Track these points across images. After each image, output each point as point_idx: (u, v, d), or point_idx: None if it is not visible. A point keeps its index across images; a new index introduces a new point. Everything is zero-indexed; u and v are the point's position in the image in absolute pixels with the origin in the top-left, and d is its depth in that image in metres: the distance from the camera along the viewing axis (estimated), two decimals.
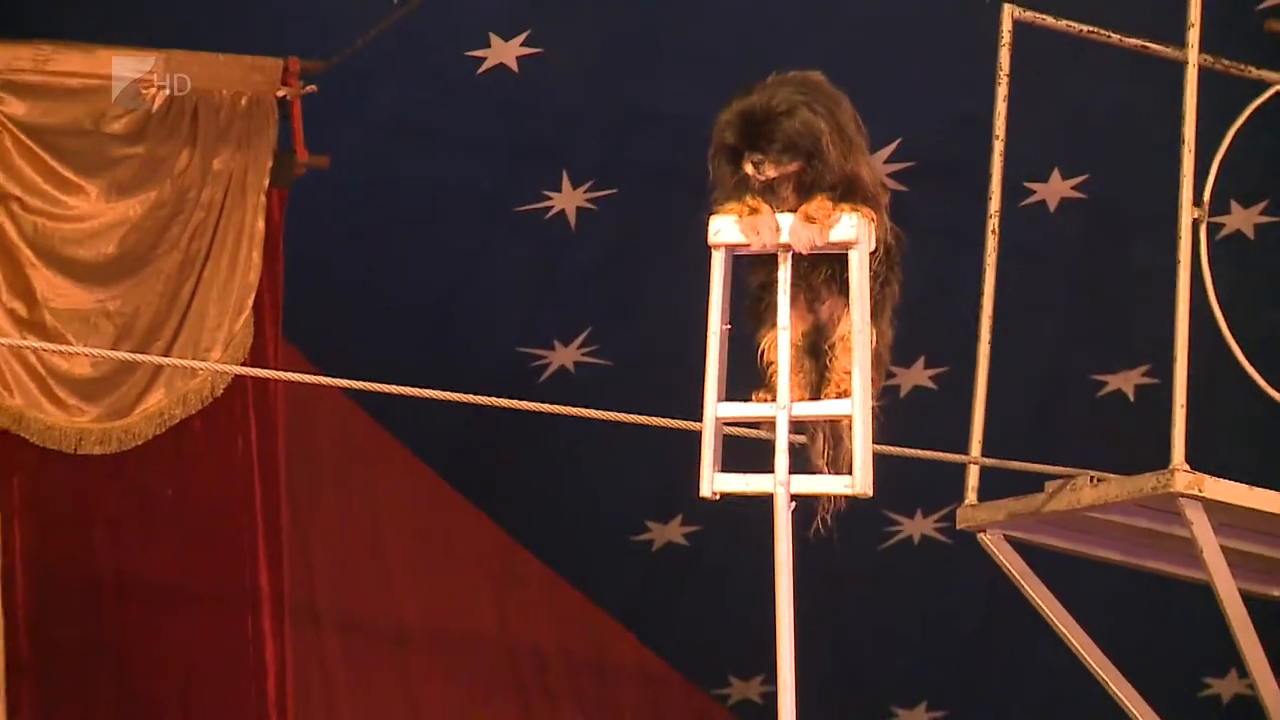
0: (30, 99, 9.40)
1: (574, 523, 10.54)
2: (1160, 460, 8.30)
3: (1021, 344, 8.94)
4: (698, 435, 6.46)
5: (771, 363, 6.57)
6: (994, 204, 8.83)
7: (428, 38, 9.54)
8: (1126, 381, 9.44)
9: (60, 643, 9.84)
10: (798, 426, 6.62)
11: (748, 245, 6.52)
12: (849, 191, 6.54)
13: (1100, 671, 8.97)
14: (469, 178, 9.70)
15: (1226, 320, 8.67)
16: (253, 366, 9.50)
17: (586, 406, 8.80)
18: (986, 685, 10.13)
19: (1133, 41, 8.89)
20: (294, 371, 9.54)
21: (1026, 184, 9.07)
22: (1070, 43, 8.82)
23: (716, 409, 6.45)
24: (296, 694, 10.27)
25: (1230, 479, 8.43)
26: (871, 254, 6.50)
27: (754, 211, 6.51)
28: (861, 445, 6.31)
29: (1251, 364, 8.86)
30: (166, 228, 9.47)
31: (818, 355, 6.71)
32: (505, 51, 9.65)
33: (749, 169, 6.57)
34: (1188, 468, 8.20)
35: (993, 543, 8.81)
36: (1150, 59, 8.73)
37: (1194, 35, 8.39)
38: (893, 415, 7.11)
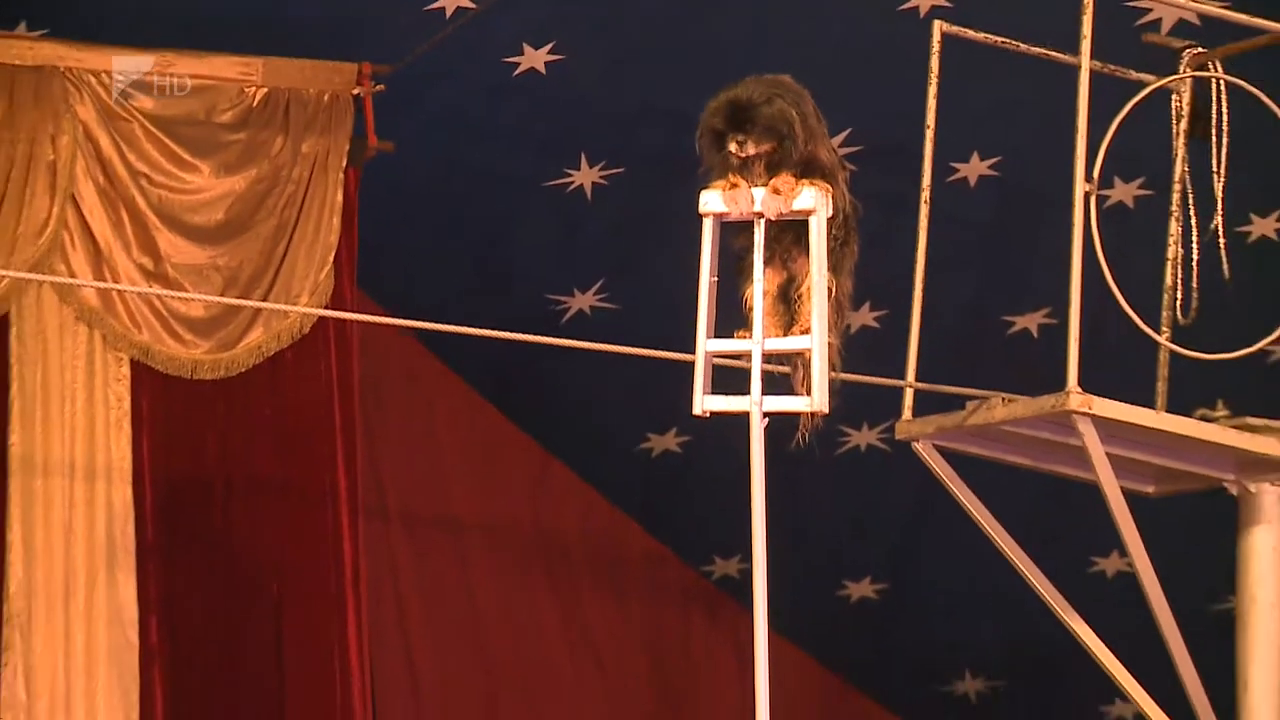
0: (155, 95, 9.16)
1: (590, 434, 10.57)
2: (1058, 384, 8.19)
3: (947, 291, 9.01)
4: (690, 365, 6.51)
5: (750, 307, 6.59)
6: (926, 180, 8.71)
7: (472, 48, 9.48)
8: (1031, 321, 9.49)
9: (178, 531, 9.58)
10: (780, 360, 6.65)
11: (729, 213, 6.57)
12: (809, 169, 6.60)
13: (1009, 551, 8.88)
14: (506, 159, 9.76)
15: (1110, 271, 8.57)
16: (332, 310, 9.31)
17: (600, 342, 9.19)
18: (919, 562, 10.21)
19: (1037, 50, 8.68)
20: (366, 313, 9.71)
21: (952, 164, 9.10)
22: (988, 49, 8.83)
23: (706, 344, 6.52)
24: (369, 577, 10.04)
25: (1114, 399, 8.38)
26: (830, 220, 6.54)
27: (734, 186, 6.56)
28: (819, 372, 6.33)
29: (1130, 306, 8.98)
30: (264, 199, 9.42)
31: (788, 302, 6.67)
32: (535, 58, 9.56)
33: (733, 147, 6.59)
34: (1080, 390, 8.11)
35: (924, 450, 8.69)
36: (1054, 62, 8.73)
37: (1086, 45, 8.23)
38: (844, 348, 6.96)
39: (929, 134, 8.62)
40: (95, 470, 9.21)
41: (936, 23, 8.64)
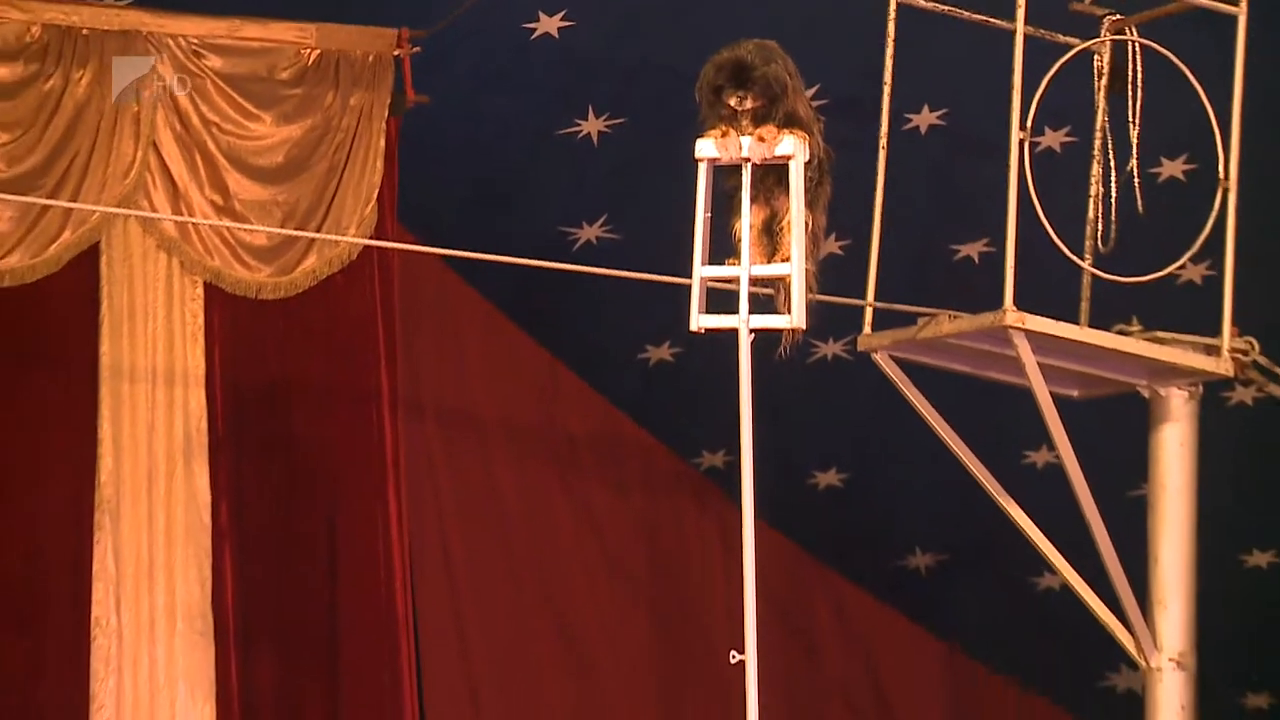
0: (224, 56, 9.24)
1: (595, 346, 10.57)
2: (996, 304, 8.24)
3: (901, 224, 8.86)
4: (685, 288, 6.58)
5: (738, 239, 6.67)
6: (884, 128, 8.76)
7: (495, 15, 9.38)
8: (973, 249, 9.55)
9: (245, 428, 9.53)
10: (764, 284, 6.68)
11: (720, 158, 6.64)
12: (788, 121, 6.66)
13: (954, 446, 8.84)
14: (524, 110, 9.76)
15: (1041, 206, 8.36)
16: (376, 239, 9.37)
17: (605, 268, 9.27)
18: (877, 455, 10.27)
19: (979, 17, 8.63)
20: (404, 243, 9.62)
21: (906, 114, 9.07)
22: (937, 14, 8.83)
23: (701, 270, 6.59)
24: (408, 467, 9.96)
25: (1044, 317, 8.39)
26: (807, 164, 6.63)
27: (725, 135, 6.64)
28: (798, 295, 6.44)
29: (1058, 236, 8.61)
30: (317, 145, 9.43)
31: (771, 234, 6.71)
32: (550, 24, 9.49)
33: (733, 101, 6.65)
34: (1014, 309, 8.21)
35: (882, 360, 8.76)
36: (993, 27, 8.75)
37: (1020, 13, 8.24)
38: (819, 274, 6.97)
39: (886, 90, 8.64)
40: (174, 376, 9.17)
41: None
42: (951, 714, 11.73)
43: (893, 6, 8.56)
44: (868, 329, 8.69)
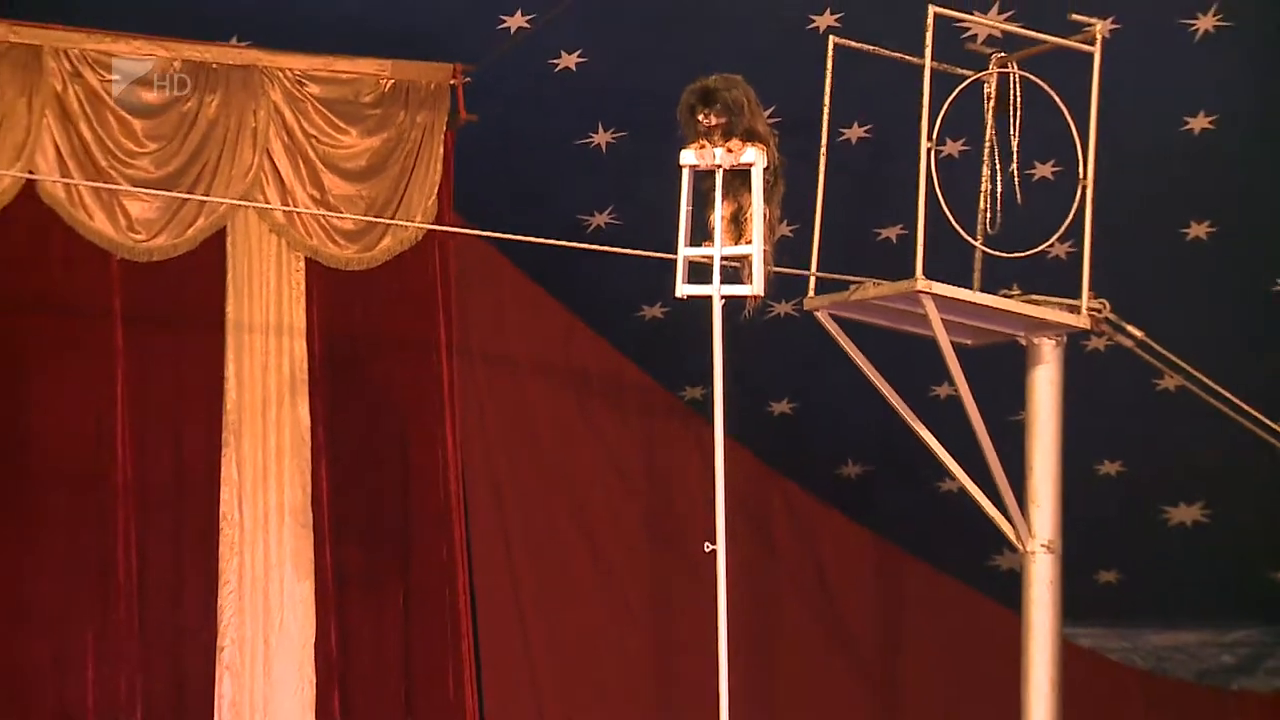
0: (321, 84, 9.28)
1: (603, 305, 10.45)
2: (909, 274, 8.26)
3: (837, 213, 8.71)
4: (673, 263, 6.76)
5: (712, 226, 6.84)
6: (824, 141, 8.68)
7: (527, 53, 9.39)
8: (892, 233, 9.58)
9: (336, 369, 9.49)
10: (732, 261, 6.86)
11: (699, 165, 6.81)
12: (750, 136, 6.84)
13: (877, 383, 8.86)
14: (549, 126, 9.75)
15: (943, 198, 8.32)
16: (437, 225, 9.39)
17: (611, 247, 9.33)
18: (819, 390, 10.03)
19: (897, 54, 8.61)
20: (458, 227, 9.55)
21: (840, 130, 9.08)
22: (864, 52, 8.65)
23: (684, 250, 6.79)
24: (461, 401, 9.83)
25: (946, 283, 8.37)
26: (765, 169, 6.81)
27: (702, 147, 6.82)
28: (758, 269, 6.70)
29: (956, 222, 8.45)
30: (392, 152, 9.44)
31: (738, 223, 6.87)
32: (569, 60, 9.50)
33: (700, 117, 6.83)
34: (923, 277, 8.23)
35: (823, 317, 8.76)
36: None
37: (928, 51, 8.19)
38: (775, 253, 7.18)
39: (825, 111, 8.65)
40: (282, 329, 9.22)
41: (831, 38, 8.71)
42: (877, 589, 11.52)
43: (831, 47, 8.66)
44: (812, 293, 8.79)
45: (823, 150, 8.66)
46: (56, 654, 8.88)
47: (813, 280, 8.77)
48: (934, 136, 8.39)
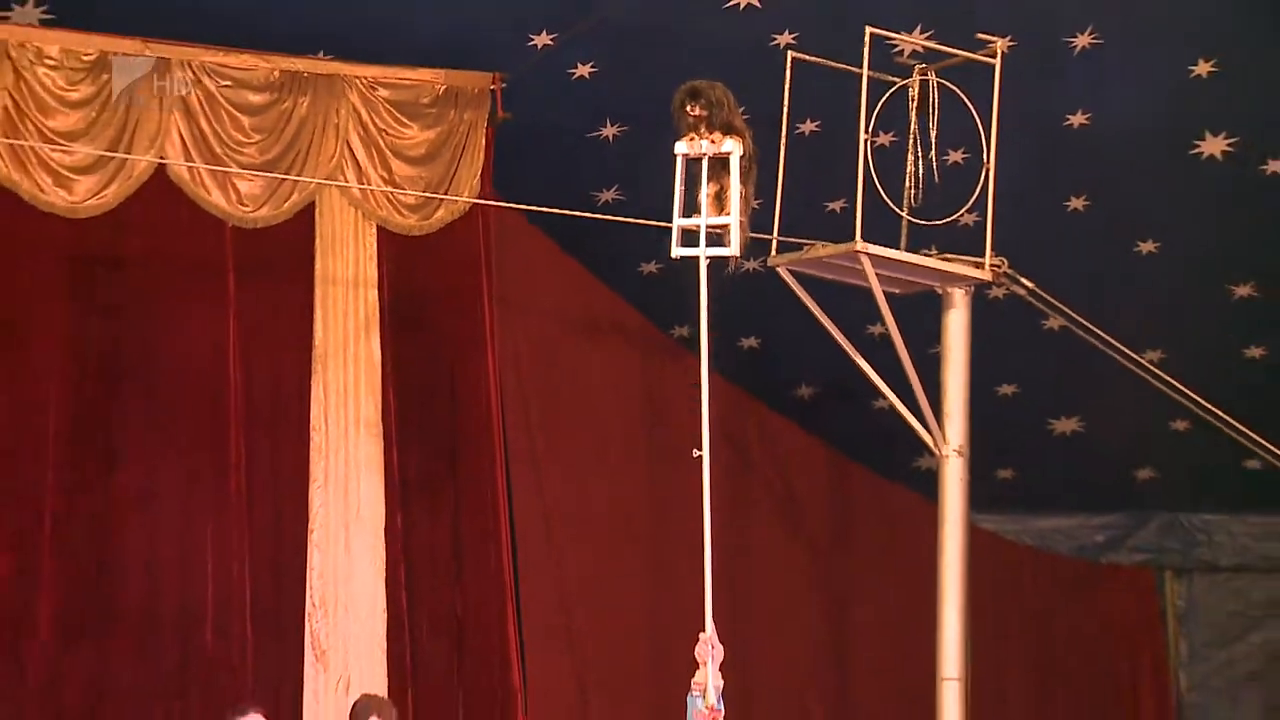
0: (390, 89, 9.16)
1: (611, 262, 10.16)
2: (851, 237, 8.50)
3: (794, 191, 8.81)
4: (668, 230, 6.76)
5: (700, 202, 6.82)
6: (783, 134, 8.75)
7: (549, 64, 9.29)
8: (837, 205, 9.32)
9: (401, 316, 9.36)
10: (716, 229, 6.84)
11: (689, 154, 6.79)
12: (729, 129, 6.81)
13: (826, 324, 9.06)
14: (568, 121, 9.73)
15: (877, 178, 8.56)
16: (480, 200, 9.30)
17: (618, 217, 9.40)
18: (780, 328, 10.20)
19: (841, 65, 8.70)
20: (497, 202, 9.37)
21: (797, 124, 8.92)
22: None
23: (678, 220, 6.82)
24: (499, 340, 9.68)
25: (880, 245, 8.64)
26: (742, 157, 6.80)
27: (691, 139, 6.80)
28: (736, 237, 6.68)
29: (888, 197, 8.77)
30: (445, 142, 9.34)
31: (720, 200, 6.85)
32: (583, 70, 9.43)
33: (688, 109, 6.81)
34: (861, 241, 8.45)
35: (783, 272, 8.93)
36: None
37: (865, 63, 8.41)
38: (749, 224, 7.16)
39: (785, 111, 8.74)
40: (358, 281, 9.17)
41: (790, 53, 8.82)
42: (826, 486, 11.52)
43: (789, 62, 8.75)
44: (774, 254, 8.94)
45: (783, 141, 8.75)
46: (182, 549, 8.88)
47: (775, 243, 8.91)
48: (870, 130, 8.61)
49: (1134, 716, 11.86)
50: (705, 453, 6.68)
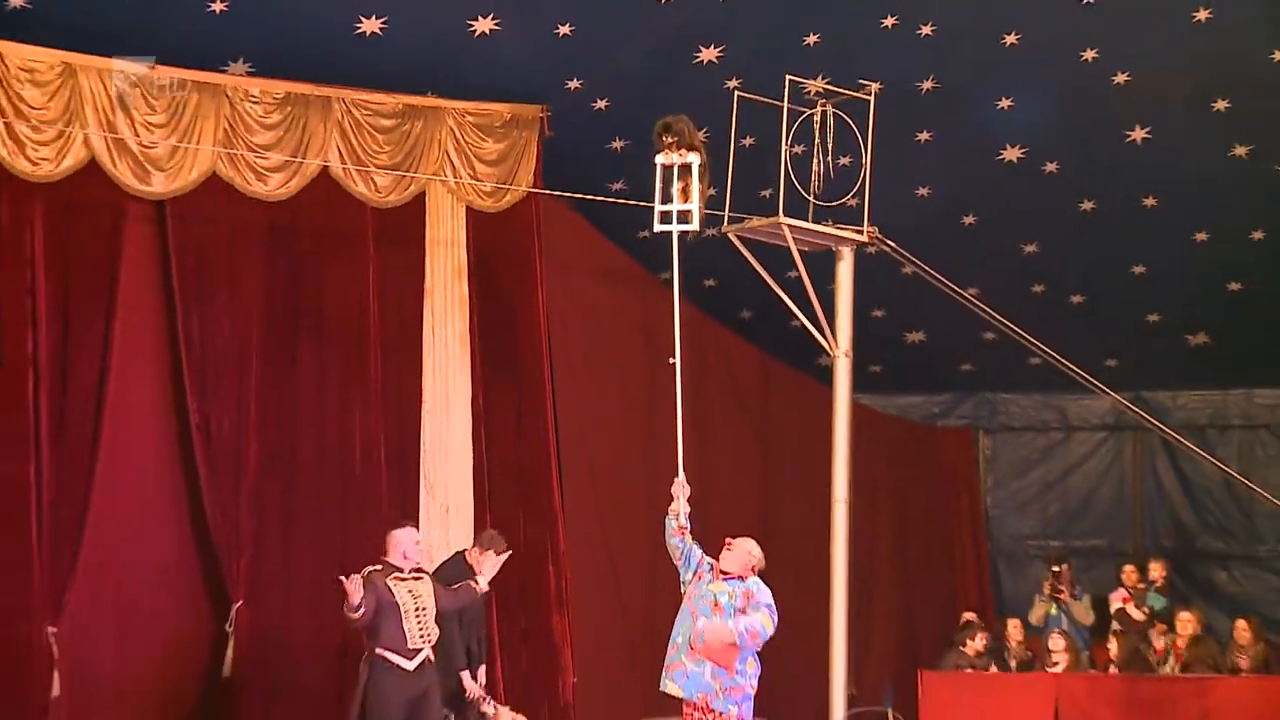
0: (476, 116, 9.03)
1: (619, 230, 10.10)
2: (777, 213, 8.69)
3: (738, 184, 8.93)
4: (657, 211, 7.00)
5: (673, 194, 7.04)
6: (732, 145, 8.74)
7: (577, 101, 9.22)
8: (767, 193, 9.28)
9: (482, 268, 9.17)
10: (683, 211, 7.05)
11: (666, 164, 7.03)
12: (691, 147, 6.99)
13: (759, 270, 9.11)
14: (591, 138, 9.62)
15: (794, 174, 8.69)
16: (533, 189, 9.17)
17: (624, 200, 9.24)
18: (729, 272, 9.82)
19: (766, 100, 8.64)
20: (545, 190, 9.24)
21: (742, 140, 9.00)
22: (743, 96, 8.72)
23: (659, 206, 7.10)
24: (547, 286, 9.36)
25: (798, 220, 8.76)
26: (700, 165, 7.03)
27: (667, 154, 7.01)
28: (696, 215, 7.00)
29: (801, 187, 8.80)
30: (510, 151, 9.21)
31: (686, 193, 7.04)
32: (600, 103, 9.32)
33: (665, 137, 7.03)
34: (783, 215, 8.63)
35: (732, 237, 9.00)
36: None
37: (785, 98, 8.49)
38: (706, 206, 7.45)
39: (733, 130, 8.74)
40: (453, 243, 9.07)
41: (736, 93, 8.77)
42: (760, 380, 11.35)
43: (735, 99, 8.75)
44: (726, 224, 8.96)
45: (731, 151, 8.78)
46: (341, 422, 8.65)
47: (726, 218, 8.93)
48: (789, 143, 8.74)
49: (957, 524, 11.83)
50: (677, 362, 6.84)
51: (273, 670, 8.16)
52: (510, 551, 7.35)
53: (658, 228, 7.12)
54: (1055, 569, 10.02)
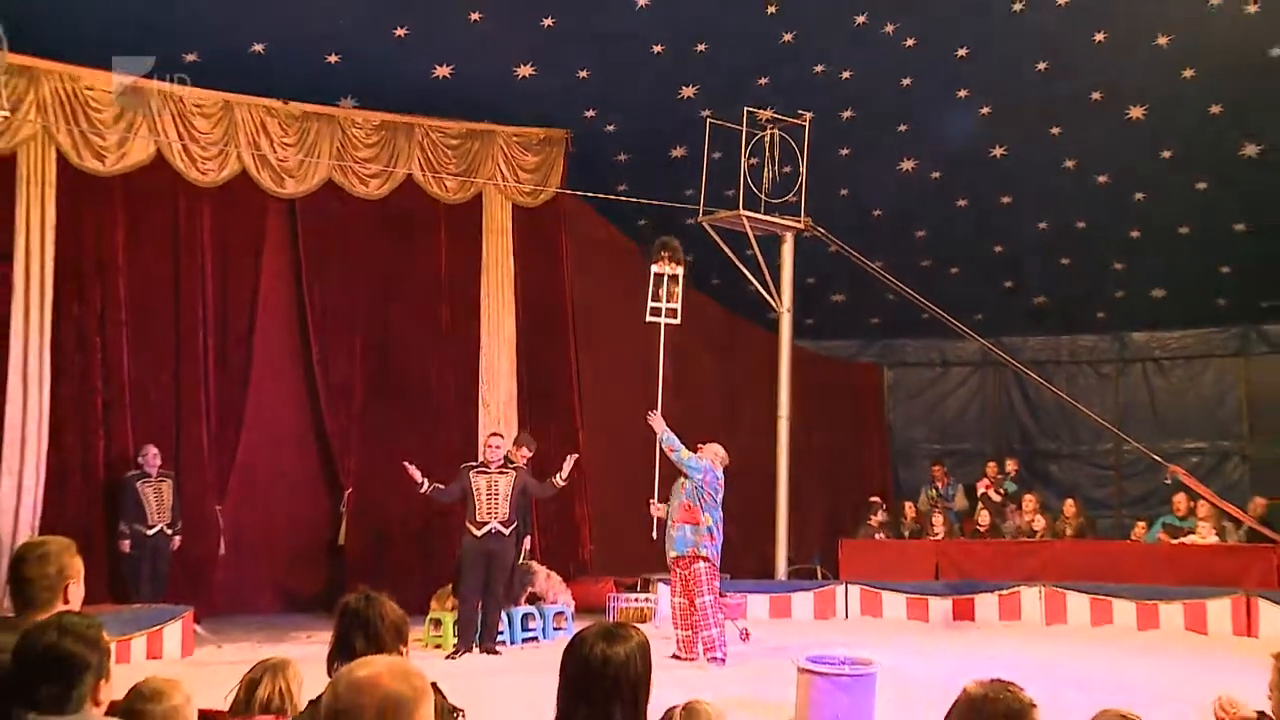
0: (519, 138, 8.84)
1: (623, 221, 9.79)
2: (738, 208, 8.51)
3: (712, 187, 8.69)
4: (655, 205, 7.43)
5: (661, 292, 6.85)
6: (705, 159, 8.43)
7: (592, 126, 8.88)
8: (731, 192, 8.88)
9: (524, 250, 8.95)
10: (670, 309, 6.77)
11: (659, 271, 6.82)
12: (676, 260, 6.80)
13: (722, 245, 8.73)
14: (601, 155, 9.31)
15: (752, 179, 8.46)
16: (561, 189, 8.96)
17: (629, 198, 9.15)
18: (703, 250, 9.21)
19: (732, 126, 8.35)
20: (570, 190, 9.04)
21: (713, 155, 8.66)
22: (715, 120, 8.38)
23: (650, 304, 6.84)
24: (572, 269, 9.11)
25: (754, 213, 8.54)
26: (685, 275, 6.91)
27: (660, 264, 6.83)
28: (679, 306, 6.63)
29: (755, 189, 8.56)
30: (543, 163, 9.06)
31: (672, 295, 6.79)
32: (609, 127, 9.16)
33: (661, 254, 7.04)
34: (743, 209, 8.46)
35: (706, 226, 8.78)
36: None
37: (744, 125, 8.35)
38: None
39: (705, 149, 8.54)
40: (502, 231, 8.97)
41: (709, 120, 8.61)
42: (725, 329, 10.78)
43: (707, 126, 8.65)
44: (701, 217, 8.81)
45: (705, 162, 8.71)
46: (420, 372, 8.54)
47: (701, 210, 8.85)
48: (747, 156, 8.71)
49: (867, 433, 11.71)
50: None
51: (372, 538, 8.49)
52: (577, 455, 7.34)
53: (648, 319, 7.14)
54: (936, 465, 10.45)
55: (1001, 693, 1.82)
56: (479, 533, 6.83)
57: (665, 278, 6.97)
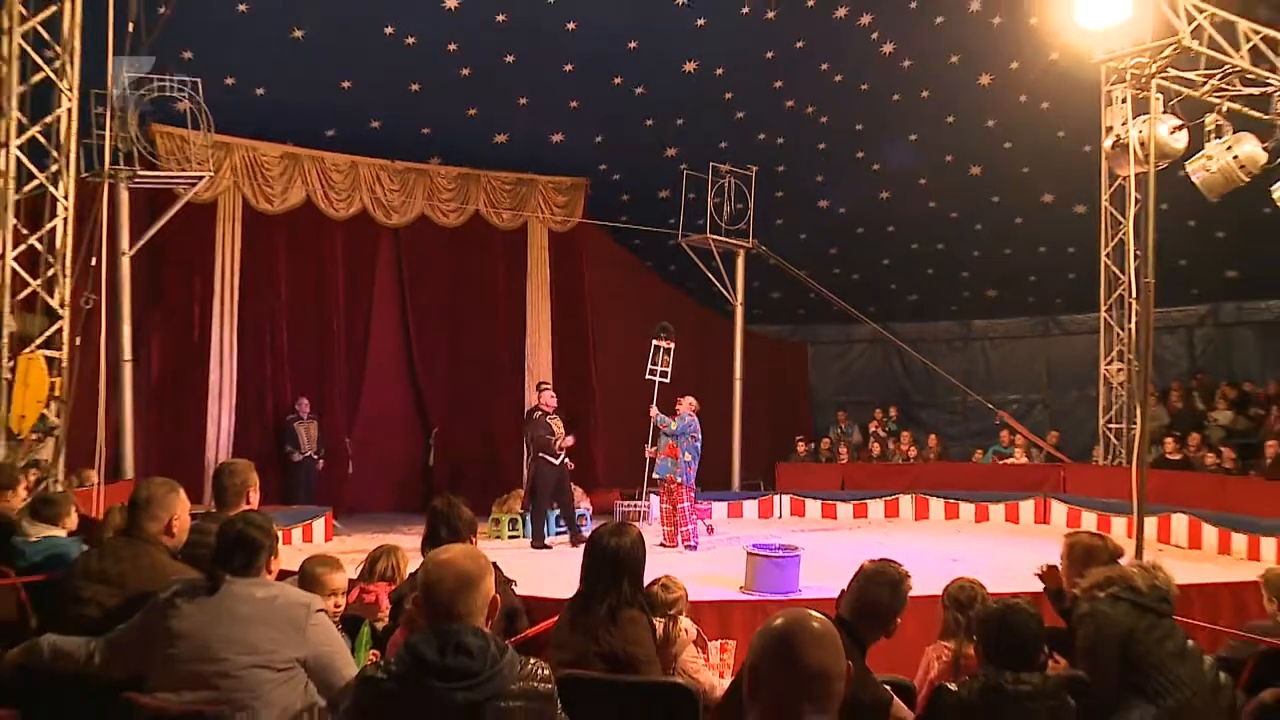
0: (552, 184, 8.44)
1: (626, 240, 9.63)
2: (706, 232, 8.36)
3: (688, 217, 8.66)
4: (655, 230, 6.69)
5: (658, 363, 6.34)
6: (683, 197, 8.21)
7: (604, 173, 8.76)
8: (703, 221, 8.66)
9: (558, 263, 8.78)
10: (664, 372, 6.37)
11: (659, 344, 6.11)
12: (670, 338, 6.17)
13: (690, 253, 8.50)
14: (609, 194, 9.13)
15: (714, 210, 8.34)
16: (582, 219, 8.84)
17: (625, 223, 8.98)
18: (683, 261, 8.95)
19: (700, 174, 8.21)
20: (589, 220, 8.83)
21: (689, 196, 8.55)
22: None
23: (648, 375, 6.33)
24: (589, 281, 8.98)
25: (716, 235, 8.40)
26: (674, 349, 6.35)
27: (659, 341, 6.25)
28: (670, 369, 6.02)
29: (716, 216, 8.45)
30: (570, 199, 8.86)
31: (665, 362, 6.19)
32: (614, 176, 9.18)
33: (662, 335, 6.78)
34: (710, 233, 8.18)
35: (684, 244, 8.52)
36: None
37: (710, 173, 7.99)
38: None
39: (683, 191, 8.38)
40: (541, 246, 8.73)
41: (685, 171, 8.46)
42: (695, 318, 9.81)
43: (684, 175, 8.50)
44: (680, 238, 8.68)
45: (683, 201, 8.72)
46: (484, 350, 8.54)
47: (680, 233, 8.74)
48: (712, 195, 8.55)
49: (794, 392, 11.39)
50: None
51: (454, 464, 8.81)
52: (573, 439, 7.01)
53: (646, 377, 7.13)
54: (841, 412, 10.74)
55: (886, 566, 2.02)
56: (556, 461, 6.84)
57: (661, 350, 7.04)
